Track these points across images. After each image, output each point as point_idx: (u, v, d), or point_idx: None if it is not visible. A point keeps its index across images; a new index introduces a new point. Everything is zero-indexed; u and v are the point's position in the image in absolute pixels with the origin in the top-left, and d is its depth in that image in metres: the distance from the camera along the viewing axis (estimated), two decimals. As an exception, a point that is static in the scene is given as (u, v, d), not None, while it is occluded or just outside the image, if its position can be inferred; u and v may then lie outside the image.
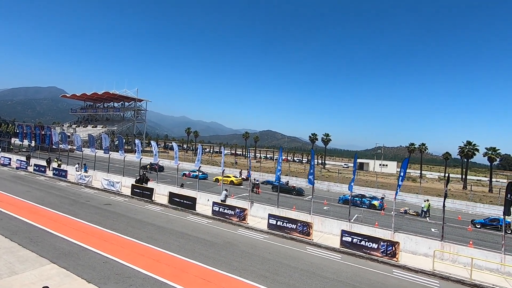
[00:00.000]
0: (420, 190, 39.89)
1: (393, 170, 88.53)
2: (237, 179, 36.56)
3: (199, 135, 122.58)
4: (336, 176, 50.01)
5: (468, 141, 55.18)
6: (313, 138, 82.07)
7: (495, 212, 28.86)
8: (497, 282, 12.44)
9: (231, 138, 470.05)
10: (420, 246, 15.29)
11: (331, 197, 32.49)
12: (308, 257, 14.06)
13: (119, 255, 11.96)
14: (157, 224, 17.12)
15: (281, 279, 11.20)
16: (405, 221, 23.86)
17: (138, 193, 23.97)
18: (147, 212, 19.93)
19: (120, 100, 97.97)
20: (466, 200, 35.32)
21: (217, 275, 11.07)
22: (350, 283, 11.49)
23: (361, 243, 14.95)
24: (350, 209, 18.68)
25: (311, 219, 17.82)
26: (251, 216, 20.00)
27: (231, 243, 14.89)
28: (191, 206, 20.98)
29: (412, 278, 12.58)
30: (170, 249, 13.17)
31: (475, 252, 14.10)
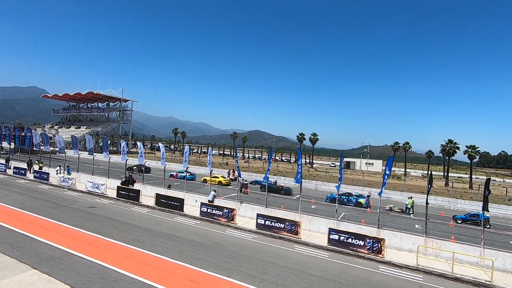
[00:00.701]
0: (404, 188, 40.95)
1: (379, 168, 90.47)
2: (225, 180, 36.42)
3: (187, 136, 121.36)
4: (324, 175, 50.63)
5: (449, 139, 57.07)
6: (300, 137, 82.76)
7: (475, 207, 29.98)
8: (476, 275, 12.92)
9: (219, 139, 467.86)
10: (405, 242, 15.69)
11: (318, 196, 32.87)
12: (296, 255, 14.17)
13: (104, 258, 11.69)
14: (143, 226, 16.84)
15: (270, 278, 11.24)
16: (390, 218, 24.41)
17: (124, 195, 23.49)
18: (134, 214, 19.57)
19: (105, 101, 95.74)
20: (448, 197, 36.53)
21: (205, 276, 11.00)
22: (337, 280, 11.66)
23: (348, 241, 15.20)
24: (337, 208, 18.95)
25: (299, 218, 17.97)
26: (240, 216, 19.98)
27: (219, 244, 14.82)
28: (179, 207, 20.75)
29: (397, 274, 12.90)
30: (157, 251, 12.97)
31: (457, 246, 14.60)
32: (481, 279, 12.53)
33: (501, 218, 29.22)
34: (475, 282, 12.37)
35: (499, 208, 31.29)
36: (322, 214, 21.57)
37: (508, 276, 13.22)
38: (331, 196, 30.46)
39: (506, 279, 12.83)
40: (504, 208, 31.60)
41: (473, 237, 19.56)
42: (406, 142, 76.31)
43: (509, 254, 13.96)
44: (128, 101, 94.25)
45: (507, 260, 13.67)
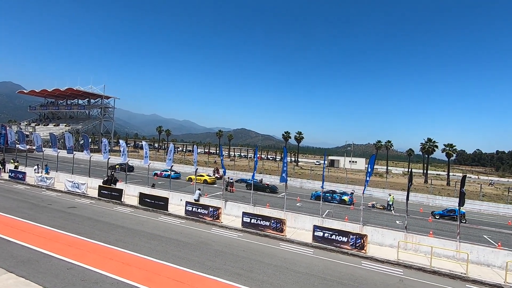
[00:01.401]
0: (386, 185, 42.13)
1: (362, 166, 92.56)
2: (210, 178, 36.18)
3: (171, 134, 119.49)
4: (309, 173, 51.28)
5: (428, 138, 59.15)
6: (286, 136, 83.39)
7: (452, 203, 31.28)
8: (453, 268, 13.51)
9: (204, 137, 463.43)
10: (386, 237, 16.17)
11: (304, 194, 33.30)
12: (282, 253, 14.30)
13: (85, 260, 11.35)
14: (126, 226, 16.47)
15: (255, 276, 11.29)
16: (372, 215, 25.08)
17: (106, 195, 22.88)
18: (116, 214, 19.11)
19: (85, 97, 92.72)
20: (427, 193, 37.92)
21: (190, 275, 10.91)
22: (321, 276, 11.87)
23: (332, 237, 15.49)
24: (321, 205, 19.25)
25: (284, 216, 18.13)
26: (225, 214, 19.93)
27: (204, 243, 14.73)
28: (163, 206, 20.45)
29: (379, 268, 13.28)
30: (141, 252, 12.74)
31: (435, 241, 15.20)
32: (457, 272, 13.11)
33: (476, 213, 30.65)
34: (451, 275, 12.93)
35: (474, 204, 32.80)
36: (307, 211, 21.86)
37: (482, 268, 13.89)
38: (316, 194, 30.90)
39: (480, 271, 13.48)
40: (478, 204, 33.17)
41: (450, 231, 20.41)
42: (388, 140, 78.56)
43: (483, 248, 14.68)
44: (110, 98, 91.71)
45: (481, 253, 14.36)
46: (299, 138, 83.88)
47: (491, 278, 12.78)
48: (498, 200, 37.54)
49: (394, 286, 11.58)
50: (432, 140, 58.61)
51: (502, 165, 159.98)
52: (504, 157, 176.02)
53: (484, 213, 31.30)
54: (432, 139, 58.75)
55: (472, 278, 12.68)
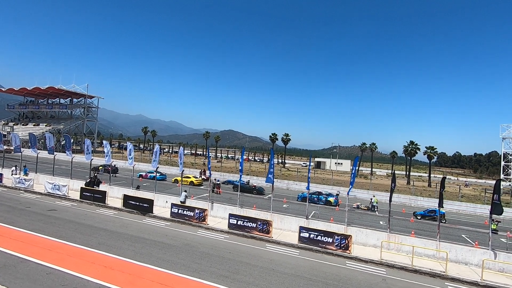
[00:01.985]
0: (370, 186, 43.04)
1: (348, 168, 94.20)
2: (197, 180, 35.88)
3: (157, 135, 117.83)
4: (295, 174, 51.70)
5: (411, 141, 60.93)
6: (273, 138, 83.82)
7: (433, 204, 32.30)
8: (433, 267, 13.95)
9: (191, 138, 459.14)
10: (370, 238, 16.52)
11: (290, 195, 33.55)
12: (268, 254, 14.35)
13: (65, 264, 11.00)
14: (109, 229, 16.08)
15: (241, 277, 11.27)
16: (357, 216, 25.55)
17: (88, 197, 22.26)
18: (99, 217, 18.62)
19: (68, 96, 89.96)
20: (409, 194, 39.00)
21: (175, 278, 10.77)
22: (307, 276, 11.98)
23: (317, 238, 15.68)
24: (307, 206, 19.46)
25: (270, 217, 18.20)
26: (212, 216, 19.80)
27: (190, 245, 14.58)
28: (148, 208, 20.09)
29: (363, 268, 13.54)
30: (125, 255, 12.47)
31: (416, 241, 15.66)
32: (437, 270, 13.55)
33: (455, 214, 31.80)
34: (431, 273, 13.35)
35: (453, 204, 34.02)
36: (293, 213, 22.04)
37: (460, 266, 14.42)
38: (302, 195, 31.18)
39: (458, 269, 13.99)
40: (457, 204, 34.43)
41: (430, 231, 21.07)
42: (372, 143, 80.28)
43: (461, 247, 15.25)
44: (94, 97, 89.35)
45: (459, 252, 14.90)
46: (286, 140, 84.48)
47: (468, 276, 13.28)
48: (475, 201, 39.07)
49: (377, 285, 11.83)
50: (415, 143, 60.41)
51: (480, 167, 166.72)
52: (481, 160, 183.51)
53: (462, 213, 32.50)
54: (414, 142, 60.55)
55: (451, 276, 13.14)
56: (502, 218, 26.37)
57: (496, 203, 14.39)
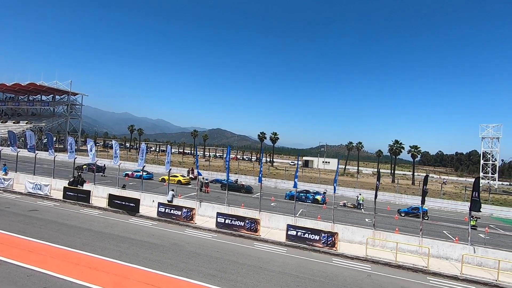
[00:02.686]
0: (357, 185, 43.82)
1: (335, 166, 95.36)
2: (184, 179, 35.54)
3: (144, 133, 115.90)
4: (284, 173, 52.02)
5: (396, 140, 62.40)
6: (262, 136, 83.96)
7: (417, 202, 33.23)
8: (416, 262, 14.38)
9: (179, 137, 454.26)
10: (356, 235, 16.84)
11: (278, 194, 33.74)
12: (256, 252, 14.40)
13: (47, 266, 10.69)
14: (94, 229, 15.73)
15: (229, 276, 11.28)
16: (344, 213, 25.98)
17: (72, 197, 21.68)
18: (83, 217, 18.17)
19: (50, 93, 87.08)
20: (394, 192, 39.98)
21: (162, 278, 10.66)
22: (294, 274, 12.11)
23: (305, 236, 15.86)
24: (295, 205, 19.64)
25: (259, 216, 18.26)
26: (199, 215, 19.68)
27: (177, 244, 14.46)
28: (134, 208, 19.76)
29: (349, 265, 13.81)
30: (110, 255, 12.23)
31: (400, 237, 16.08)
32: (419, 265, 13.98)
33: (437, 210, 32.82)
34: (414, 269, 13.76)
35: (435, 202, 35.10)
36: (281, 211, 22.19)
37: (441, 261, 14.92)
38: (290, 194, 31.43)
39: (439, 264, 14.47)
40: (439, 202, 35.55)
41: (414, 228, 21.66)
42: (359, 142, 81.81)
43: (442, 242, 15.78)
44: (78, 94, 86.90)
45: (440, 247, 15.42)
46: (274, 139, 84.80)
47: (449, 270, 13.76)
48: (456, 198, 40.46)
49: (363, 281, 12.09)
50: (399, 142, 61.90)
51: (461, 165, 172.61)
52: (462, 158, 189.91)
53: (444, 210, 33.58)
54: (399, 141, 62.03)
55: (433, 271, 13.58)
56: (481, 214, 27.43)
57: (475, 200, 14.95)
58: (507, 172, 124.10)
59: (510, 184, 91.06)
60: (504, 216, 32.30)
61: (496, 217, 32.01)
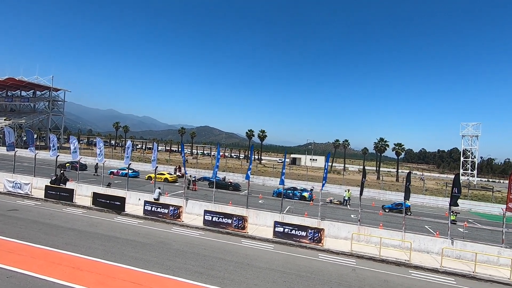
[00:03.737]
0: (343, 182, 44.58)
1: (322, 164, 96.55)
2: (171, 177, 35.16)
3: (130, 130, 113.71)
4: (271, 170, 52.29)
5: (381, 138, 63.77)
6: (250, 134, 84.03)
7: (400, 198, 34.11)
8: (398, 256, 14.83)
9: (166, 134, 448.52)
10: (341, 230, 17.18)
11: (266, 191, 33.90)
12: (243, 249, 14.47)
13: (28, 267, 10.39)
14: (78, 229, 15.37)
15: (216, 273, 11.30)
16: (330, 210, 26.41)
17: (54, 195, 21.08)
18: (66, 216, 17.72)
19: (30, 89, 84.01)
20: (379, 189, 40.91)
21: (149, 276, 10.56)
22: (281, 270, 12.26)
23: (291, 232, 16.05)
24: (282, 202, 19.82)
25: (246, 213, 18.33)
26: (187, 213, 19.56)
27: (164, 243, 14.34)
28: (120, 206, 19.42)
29: (334, 260, 14.09)
30: (94, 255, 12.01)
31: (383, 232, 16.52)
32: (402, 259, 14.43)
33: (419, 206, 33.85)
34: (397, 262, 14.19)
35: (418, 198, 36.17)
36: (269, 208, 22.32)
37: (422, 255, 15.44)
38: (277, 191, 31.62)
39: (421, 257, 14.98)
40: (422, 198, 36.67)
41: (397, 223, 22.28)
42: (345, 140, 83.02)
43: (423, 237, 16.33)
44: (60, 90, 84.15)
45: (422, 241, 15.95)
46: (262, 137, 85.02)
47: (429, 263, 14.27)
48: (438, 194, 41.83)
49: (348, 275, 12.37)
50: (384, 140, 63.30)
51: (442, 162, 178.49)
52: (444, 156, 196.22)
53: (426, 206, 34.68)
54: (384, 139, 63.42)
55: (414, 264, 14.04)
56: (460, 209, 28.53)
57: (455, 195, 15.53)
58: (485, 169, 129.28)
59: (488, 180, 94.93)
60: (482, 211, 33.67)
61: (474, 212, 33.33)
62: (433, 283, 12.43)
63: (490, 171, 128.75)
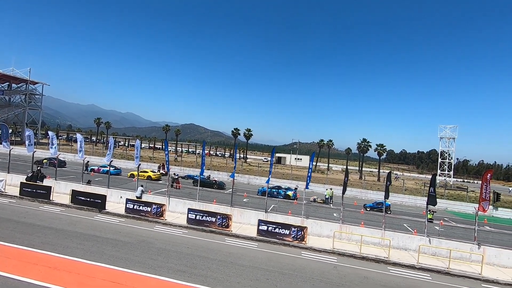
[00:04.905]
0: (327, 181, 45.36)
1: (307, 163, 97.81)
2: (155, 174, 34.59)
3: (112, 127, 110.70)
4: (257, 169, 52.42)
5: (364, 138, 65.27)
6: (235, 133, 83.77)
7: (381, 197, 35.06)
8: (378, 253, 15.29)
9: (149, 131, 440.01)
10: (324, 229, 17.51)
11: (251, 190, 33.96)
12: (227, 248, 14.47)
13: (2, 267, 9.93)
14: (55, 227, 14.86)
15: (199, 272, 11.25)
16: (313, 208, 26.83)
17: (30, 193, 20.26)
18: (43, 215, 17.08)
19: (5, 81, 79.96)
20: (361, 188, 41.90)
21: (130, 276, 10.37)
22: (264, 268, 12.36)
23: (275, 231, 16.20)
24: (267, 200, 19.96)
25: (230, 211, 18.33)
26: (170, 211, 19.33)
27: (146, 241, 14.11)
28: (100, 204, 18.92)
29: (317, 257, 14.35)
30: (73, 254, 11.65)
31: (364, 230, 16.97)
32: (381, 256, 14.89)
33: (399, 205, 34.97)
34: (376, 259, 14.63)
35: (398, 197, 37.33)
36: (253, 207, 22.42)
37: (401, 252, 15.99)
38: (262, 190, 31.78)
39: (399, 254, 15.52)
40: (401, 197, 37.88)
41: (378, 221, 22.93)
42: (329, 140, 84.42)
43: (402, 234, 16.91)
44: (38, 83, 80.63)
45: (400, 239, 16.52)
46: (248, 135, 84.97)
47: (407, 260, 14.81)
48: (417, 194, 43.33)
49: (329, 272, 12.64)
50: (367, 140, 64.86)
51: (422, 163, 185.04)
52: (423, 157, 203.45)
53: (405, 205, 35.87)
54: (366, 140, 64.98)
55: (393, 261, 14.53)
56: (437, 208, 29.67)
57: (431, 195, 16.17)
58: (461, 169, 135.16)
59: (463, 180, 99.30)
60: (457, 210, 35.20)
61: (450, 211, 34.79)
62: (410, 279, 12.91)
63: (465, 172, 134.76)
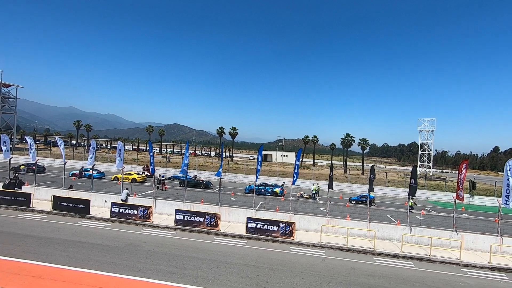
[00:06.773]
0: (313, 176, 46.04)
1: (293, 160, 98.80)
2: (140, 177, 33.94)
3: (93, 129, 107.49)
4: (243, 168, 52.46)
5: (347, 133, 66.71)
6: (221, 131, 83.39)
7: (366, 190, 36.06)
8: (364, 245, 15.75)
9: (132, 132, 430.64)
10: (312, 223, 17.83)
11: (238, 188, 34.01)
12: (216, 247, 14.48)
13: (-20, 279, 9.56)
14: (37, 235, 14.36)
15: (189, 272, 11.22)
16: (300, 204, 27.21)
17: (7, 201, 19.42)
18: (23, 223, 16.44)
19: (-25, 84, 75.78)
20: (346, 182, 42.84)
21: (118, 280, 10.21)
22: (254, 264, 12.47)
23: (264, 227, 16.35)
24: (254, 198, 20.07)
25: (218, 211, 18.31)
26: (157, 213, 19.08)
27: (133, 245, 13.90)
28: (84, 209, 18.42)
29: (305, 252, 14.62)
30: (57, 262, 11.32)
31: (350, 223, 17.43)
32: (367, 247, 15.35)
33: (383, 197, 36.03)
34: (362, 250, 15.08)
35: (381, 189, 38.46)
36: (241, 205, 22.48)
37: (385, 242, 16.54)
38: (249, 188, 31.89)
39: (384, 245, 16.04)
40: (385, 189, 39.04)
41: (363, 214, 23.55)
42: (314, 136, 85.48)
43: (386, 225, 17.48)
44: (11, 86, 76.98)
45: (384, 230, 17.08)
46: (233, 134, 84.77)
47: (391, 249, 15.35)
48: (399, 185, 44.77)
49: (318, 266, 12.92)
50: (350, 135, 66.28)
51: (403, 156, 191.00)
52: (404, 149, 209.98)
53: (389, 197, 37.00)
54: (350, 135, 66.39)
55: (378, 251, 15.02)
56: (417, 198, 30.84)
57: (412, 186, 16.79)
58: (439, 160, 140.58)
59: (442, 171, 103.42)
60: (437, 199, 36.69)
61: (430, 201, 36.21)
62: (394, 267, 13.40)
63: (444, 163, 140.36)
